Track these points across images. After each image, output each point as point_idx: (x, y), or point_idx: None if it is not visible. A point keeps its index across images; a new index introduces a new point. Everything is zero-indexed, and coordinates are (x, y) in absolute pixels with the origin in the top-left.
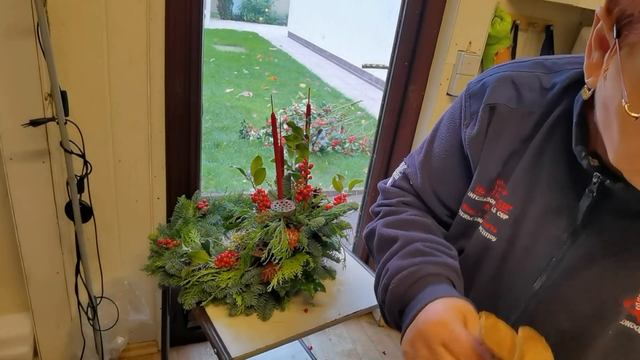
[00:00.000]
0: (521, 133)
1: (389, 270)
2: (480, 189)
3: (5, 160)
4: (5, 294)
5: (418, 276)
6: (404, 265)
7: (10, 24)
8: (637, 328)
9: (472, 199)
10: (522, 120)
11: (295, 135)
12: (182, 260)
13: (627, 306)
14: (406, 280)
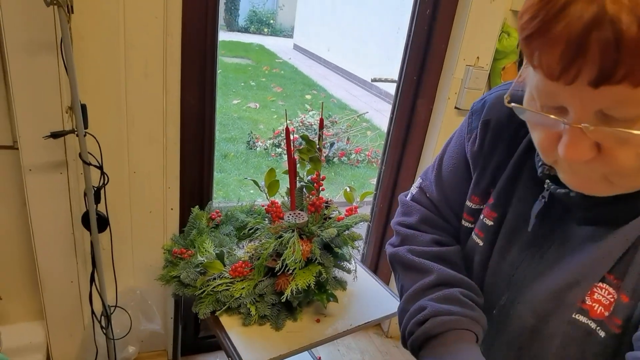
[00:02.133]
0: (510, 147)
1: (427, 308)
2: (475, 198)
3: (24, 171)
4: (20, 302)
5: (453, 327)
6: (443, 311)
7: (33, 39)
8: (589, 321)
9: (469, 207)
10: (513, 135)
11: (309, 148)
12: (197, 270)
13: (578, 301)
14: (442, 327)
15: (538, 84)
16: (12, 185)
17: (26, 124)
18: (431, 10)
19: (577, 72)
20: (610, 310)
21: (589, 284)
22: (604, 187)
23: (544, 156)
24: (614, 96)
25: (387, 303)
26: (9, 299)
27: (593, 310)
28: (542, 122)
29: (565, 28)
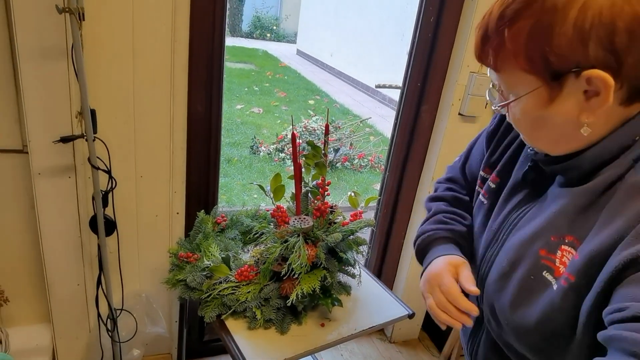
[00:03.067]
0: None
1: (419, 232)
2: (487, 169)
3: (33, 175)
4: (27, 305)
5: (433, 238)
6: (427, 230)
7: (45, 45)
8: (549, 275)
9: (482, 176)
10: None
11: (314, 153)
12: (203, 274)
13: (543, 254)
14: (426, 240)
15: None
16: (21, 188)
17: (36, 129)
18: (435, 17)
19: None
20: (567, 266)
21: (548, 235)
22: (535, 143)
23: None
24: (494, 77)
25: (391, 308)
26: (17, 301)
27: (556, 269)
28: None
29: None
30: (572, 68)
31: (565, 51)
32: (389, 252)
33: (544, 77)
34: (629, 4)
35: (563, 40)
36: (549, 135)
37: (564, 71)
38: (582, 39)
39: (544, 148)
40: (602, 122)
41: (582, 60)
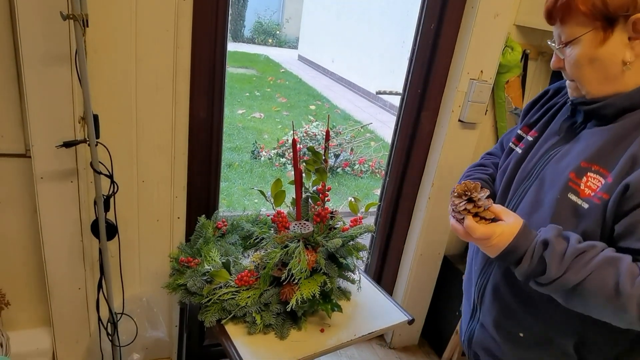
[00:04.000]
0: (556, 102)
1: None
2: (525, 128)
3: (36, 179)
4: (27, 308)
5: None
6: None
7: (48, 51)
8: (575, 197)
9: (519, 134)
10: (558, 96)
11: (315, 159)
12: (204, 279)
13: (572, 177)
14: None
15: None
16: (24, 192)
17: (39, 133)
18: (436, 24)
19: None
20: (596, 190)
21: (579, 160)
22: (578, 92)
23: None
24: (556, 30)
25: (390, 314)
26: (18, 305)
27: (583, 192)
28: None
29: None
30: (623, 13)
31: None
32: (389, 258)
33: (601, 20)
34: None
35: None
36: (598, 75)
37: (617, 15)
38: None
39: (590, 89)
40: (637, 70)
41: (631, 7)
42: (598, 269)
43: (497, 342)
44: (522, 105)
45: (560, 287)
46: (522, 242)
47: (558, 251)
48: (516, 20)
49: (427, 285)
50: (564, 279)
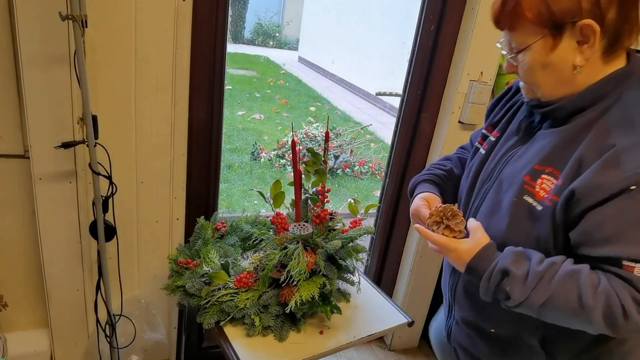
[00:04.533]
0: (515, 100)
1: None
2: (489, 127)
3: (34, 180)
4: (25, 310)
5: (418, 182)
6: (415, 176)
7: (47, 52)
8: (530, 198)
9: (483, 134)
10: (518, 94)
11: (314, 160)
12: (203, 280)
13: (526, 180)
14: (414, 184)
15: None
16: (22, 193)
17: (38, 134)
18: (436, 26)
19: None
20: (549, 192)
21: (533, 163)
22: (533, 94)
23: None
24: (506, 36)
25: (390, 316)
26: (15, 306)
27: (538, 194)
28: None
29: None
30: (570, 19)
31: (565, 5)
32: (389, 260)
33: (549, 27)
34: None
35: None
36: (550, 79)
37: (564, 22)
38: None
39: (544, 91)
40: (587, 73)
41: (577, 13)
42: (560, 286)
43: (471, 337)
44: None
45: (528, 307)
46: (479, 265)
47: (519, 276)
48: None
49: (427, 287)
50: (529, 301)
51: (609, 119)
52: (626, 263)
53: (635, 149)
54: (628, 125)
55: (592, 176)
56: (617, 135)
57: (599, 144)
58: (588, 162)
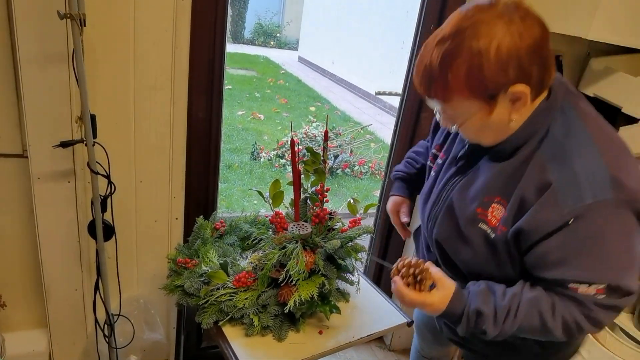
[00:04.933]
0: None
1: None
2: (437, 147)
3: (33, 179)
4: (23, 310)
5: (395, 177)
6: (395, 169)
7: (46, 50)
8: (485, 226)
9: (433, 152)
10: None
11: (313, 160)
12: (201, 280)
13: (479, 211)
14: (393, 178)
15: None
16: (21, 193)
17: (36, 133)
18: (435, 25)
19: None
20: (500, 220)
21: (482, 196)
22: (478, 141)
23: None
24: (439, 105)
25: (390, 316)
26: (13, 306)
27: (490, 222)
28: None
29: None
30: (502, 89)
31: (495, 78)
32: (388, 259)
33: (484, 99)
34: (521, 38)
35: (492, 72)
36: (490, 135)
37: (497, 92)
38: (504, 68)
39: (484, 142)
40: (522, 115)
41: (507, 82)
42: (525, 316)
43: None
44: None
45: (502, 336)
46: (453, 310)
47: (490, 314)
48: None
49: None
50: (502, 333)
51: (543, 154)
52: (571, 285)
53: (569, 186)
54: (560, 159)
55: (536, 215)
56: (552, 171)
57: (537, 181)
58: (529, 201)
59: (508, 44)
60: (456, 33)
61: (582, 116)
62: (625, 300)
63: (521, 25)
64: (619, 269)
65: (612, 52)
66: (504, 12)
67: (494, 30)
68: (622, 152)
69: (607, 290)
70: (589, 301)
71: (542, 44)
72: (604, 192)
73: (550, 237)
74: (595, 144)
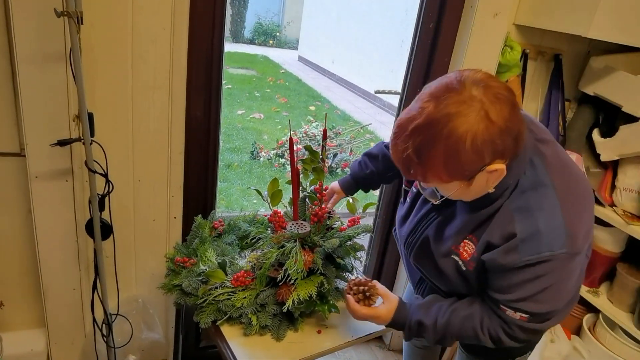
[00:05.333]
0: None
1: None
2: (407, 183)
3: (30, 178)
4: (21, 309)
5: (350, 171)
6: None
7: (43, 49)
8: (457, 258)
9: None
10: None
11: (312, 158)
12: (199, 279)
13: (453, 249)
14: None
15: None
16: (18, 192)
17: (34, 132)
18: (435, 24)
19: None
20: (471, 255)
21: (457, 237)
22: (459, 199)
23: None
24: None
25: None
26: (11, 306)
27: (462, 255)
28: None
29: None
30: (479, 170)
31: (472, 164)
32: (388, 259)
33: (463, 179)
34: (494, 123)
35: (469, 159)
36: (469, 197)
37: (475, 173)
38: (480, 153)
39: (464, 200)
40: (497, 179)
41: (483, 165)
42: (460, 329)
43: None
44: (521, 105)
45: (442, 343)
46: (398, 321)
47: (430, 325)
48: (515, 20)
49: None
50: (442, 342)
51: (511, 204)
52: (502, 307)
53: (531, 239)
54: (525, 212)
55: (497, 257)
56: (517, 223)
57: (503, 229)
58: (495, 245)
59: (482, 133)
60: (430, 125)
61: (548, 168)
62: (545, 325)
63: (492, 110)
64: (545, 303)
65: (612, 50)
66: (475, 98)
67: (468, 121)
68: (579, 202)
69: (530, 317)
70: (511, 323)
71: (513, 120)
72: (559, 246)
73: (502, 272)
74: (558, 198)
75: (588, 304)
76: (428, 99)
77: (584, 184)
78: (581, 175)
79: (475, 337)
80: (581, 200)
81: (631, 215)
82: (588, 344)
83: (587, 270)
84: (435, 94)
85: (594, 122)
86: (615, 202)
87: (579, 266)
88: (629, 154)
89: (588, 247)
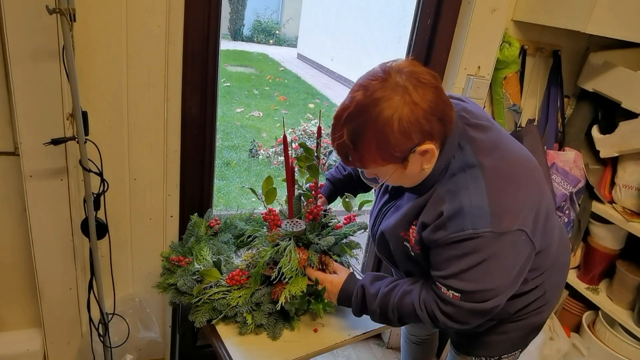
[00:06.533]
0: None
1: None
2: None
3: (25, 177)
4: (17, 309)
5: (326, 178)
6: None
7: (36, 47)
8: (407, 244)
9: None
10: None
11: (307, 156)
12: (194, 278)
13: (402, 235)
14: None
15: None
16: (13, 191)
17: (27, 131)
18: (432, 20)
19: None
20: (416, 239)
21: (404, 222)
22: (399, 185)
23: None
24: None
25: None
26: (7, 305)
27: (411, 241)
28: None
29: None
30: (410, 151)
31: (402, 145)
32: None
33: (397, 162)
34: (417, 106)
35: (398, 141)
36: (408, 182)
37: (407, 155)
38: (408, 135)
39: (405, 186)
40: (433, 162)
41: (413, 145)
42: (399, 302)
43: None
44: (520, 101)
45: (384, 318)
46: (349, 286)
47: (373, 293)
48: (514, 16)
49: None
50: (382, 314)
51: (443, 188)
52: (438, 284)
53: (455, 217)
54: (453, 193)
55: (430, 234)
56: (446, 203)
57: (434, 210)
58: (428, 224)
59: (408, 115)
60: (360, 111)
61: (476, 151)
62: (483, 306)
63: (416, 94)
64: (474, 282)
65: (611, 46)
66: (399, 83)
67: (393, 104)
68: (511, 183)
69: (461, 296)
70: (446, 301)
71: (437, 102)
72: (483, 225)
73: (437, 249)
74: (484, 178)
75: (588, 302)
76: (357, 89)
77: (523, 166)
78: (522, 159)
79: (414, 312)
80: (515, 181)
81: (631, 212)
82: (587, 341)
83: (587, 268)
84: (363, 83)
85: (593, 119)
86: (615, 199)
87: (516, 246)
88: (629, 151)
89: (544, 229)
